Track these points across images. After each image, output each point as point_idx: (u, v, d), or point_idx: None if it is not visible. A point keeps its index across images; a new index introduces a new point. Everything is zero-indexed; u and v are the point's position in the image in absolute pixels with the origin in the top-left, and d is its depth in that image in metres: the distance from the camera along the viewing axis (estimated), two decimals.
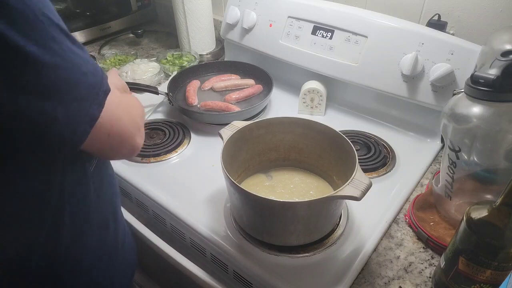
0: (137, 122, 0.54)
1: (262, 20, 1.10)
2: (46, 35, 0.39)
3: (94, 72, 0.45)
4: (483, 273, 0.53)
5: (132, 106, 0.56)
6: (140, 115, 0.57)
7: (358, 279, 0.64)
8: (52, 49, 0.40)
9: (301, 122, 0.75)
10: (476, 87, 0.58)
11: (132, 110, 0.55)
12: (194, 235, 0.75)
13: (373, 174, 0.83)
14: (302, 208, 0.60)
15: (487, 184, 0.66)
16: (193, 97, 1.05)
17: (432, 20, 0.93)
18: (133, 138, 0.52)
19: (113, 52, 1.35)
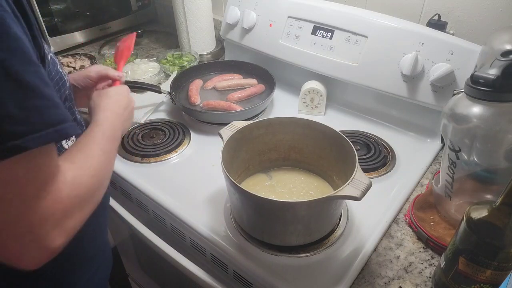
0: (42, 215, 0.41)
1: (262, 20, 1.10)
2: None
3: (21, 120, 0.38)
4: (483, 273, 0.53)
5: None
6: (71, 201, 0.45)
7: (358, 279, 0.64)
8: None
9: (301, 122, 0.75)
10: (476, 87, 0.58)
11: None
12: (194, 235, 0.75)
13: (373, 174, 0.83)
14: (302, 208, 0.60)
15: (487, 184, 0.66)
16: (195, 96, 1.06)
17: (432, 20, 0.93)
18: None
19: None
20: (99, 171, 0.51)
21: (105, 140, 0.57)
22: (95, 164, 0.51)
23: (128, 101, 0.71)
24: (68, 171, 0.45)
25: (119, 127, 0.65)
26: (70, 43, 1.41)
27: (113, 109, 0.66)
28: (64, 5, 1.37)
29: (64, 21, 1.37)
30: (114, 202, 0.89)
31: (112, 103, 0.67)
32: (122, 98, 0.70)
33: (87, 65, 1.22)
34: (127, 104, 0.71)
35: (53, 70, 0.55)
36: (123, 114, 0.68)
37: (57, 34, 1.35)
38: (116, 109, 0.66)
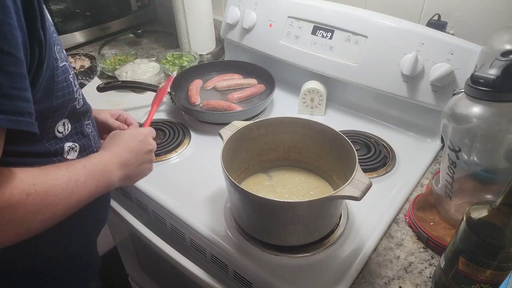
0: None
1: (262, 20, 1.10)
2: None
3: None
4: (483, 273, 0.53)
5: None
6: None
7: (358, 279, 0.64)
8: None
9: (301, 122, 0.75)
10: (476, 87, 0.58)
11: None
12: (194, 235, 0.75)
13: (373, 174, 0.83)
14: (302, 208, 0.60)
15: (487, 184, 0.66)
16: (195, 96, 1.06)
17: (432, 20, 0.93)
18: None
19: (113, 52, 1.35)
20: (44, 194, 0.47)
21: (83, 171, 0.54)
22: (45, 185, 0.48)
23: (140, 145, 0.67)
24: (5, 172, 0.44)
25: (116, 169, 0.61)
26: (70, 43, 1.41)
27: (116, 151, 0.63)
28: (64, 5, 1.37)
29: (64, 21, 1.37)
30: (114, 202, 0.89)
31: (119, 146, 0.64)
32: (135, 141, 0.66)
33: (87, 65, 1.22)
34: (139, 148, 0.66)
35: (63, 76, 0.54)
36: (129, 158, 0.64)
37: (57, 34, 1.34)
38: (120, 151, 0.63)
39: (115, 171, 0.61)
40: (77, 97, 0.59)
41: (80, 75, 1.18)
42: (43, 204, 0.47)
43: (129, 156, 0.64)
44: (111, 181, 0.60)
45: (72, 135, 0.60)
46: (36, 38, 0.46)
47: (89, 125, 0.65)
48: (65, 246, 0.67)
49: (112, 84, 1.07)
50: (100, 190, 0.57)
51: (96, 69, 1.24)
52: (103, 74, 1.27)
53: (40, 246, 0.61)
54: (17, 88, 0.43)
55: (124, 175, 0.63)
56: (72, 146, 0.60)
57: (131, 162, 0.64)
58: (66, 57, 0.57)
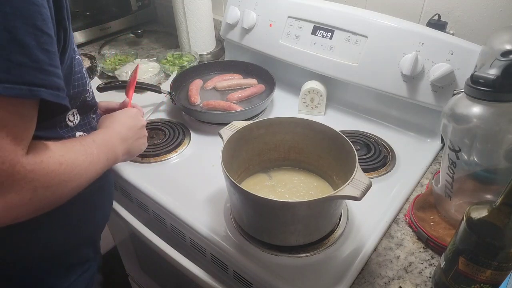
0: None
1: (262, 20, 1.10)
2: None
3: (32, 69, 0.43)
4: (483, 273, 0.53)
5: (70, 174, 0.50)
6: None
7: (358, 279, 0.64)
8: None
9: (301, 122, 0.75)
10: (476, 87, 0.58)
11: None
12: (194, 235, 0.75)
13: (373, 174, 0.83)
14: (302, 208, 0.60)
15: (487, 184, 0.66)
16: (195, 96, 1.06)
17: (432, 20, 0.93)
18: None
19: (113, 52, 1.35)
20: (72, 164, 0.51)
21: (93, 144, 0.58)
22: (70, 156, 0.51)
23: (134, 121, 0.72)
24: (40, 144, 0.48)
25: (118, 144, 0.65)
26: None
27: (114, 127, 0.67)
28: None
29: None
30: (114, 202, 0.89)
31: (115, 123, 0.69)
32: (127, 118, 0.72)
33: (87, 65, 1.22)
34: (133, 124, 0.72)
35: (78, 68, 0.58)
36: (127, 133, 0.69)
37: None
38: (118, 128, 0.68)
39: (117, 145, 0.65)
40: (89, 89, 0.63)
41: None
42: (72, 172, 0.51)
43: (126, 131, 0.69)
44: (117, 155, 0.64)
45: (82, 125, 0.63)
46: (62, 25, 0.50)
47: (95, 119, 0.69)
48: (72, 240, 0.67)
49: (112, 84, 1.07)
50: (109, 163, 0.61)
51: (96, 69, 1.24)
52: (103, 74, 1.27)
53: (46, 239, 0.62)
54: (53, 66, 0.46)
55: (125, 149, 0.68)
56: (81, 135, 0.63)
57: (129, 136, 0.69)
58: (79, 52, 0.61)
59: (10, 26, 0.41)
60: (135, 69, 0.93)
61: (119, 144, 0.66)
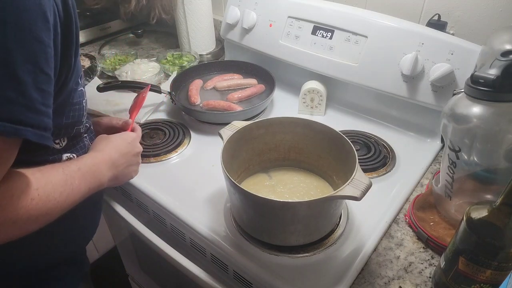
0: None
1: (262, 20, 1.10)
2: None
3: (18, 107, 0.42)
4: (483, 273, 0.53)
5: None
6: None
7: (358, 279, 0.64)
8: None
9: (301, 122, 0.75)
10: (476, 87, 0.58)
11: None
12: (194, 235, 0.75)
13: (373, 174, 0.83)
14: (302, 208, 0.60)
15: (487, 184, 0.66)
16: (195, 96, 1.06)
17: (432, 20, 0.93)
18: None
19: (113, 52, 1.35)
20: (45, 199, 0.49)
21: (77, 174, 0.55)
22: (46, 190, 0.49)
23: (129, 147, 0.70)
24: (16, 176, 0.46)
25: (106, 170, 0.63)
26: None
27: (107, 152, 0.65)
28: None
29: None
30: (114, 202, 0.89)
31: (109, 147, 0.66)
32: (123, 143, 0.69)
33: (87, 65, 1.22)
34: (128, 150, 0.70)
35: (78, 100, 0.58)
36: (118, 159, 0.66)
37: None
38: (110, 152, 0.65)
39: (105, 172, 0.63)
40: (84, 121, 0.62)
41: None
42: (44, 208, 0.49)
43: (119, 157, 0.66)
44: (101, 182, 0.62)
45: (70, 147, 0.62)
46: (67, 62, 0.50)
47: (86, 138, 0.68)
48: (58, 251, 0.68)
49: (112, 84, 1.07)
50: (91, 192, 0.59)
51: (96, 69, 1.24)
52: (103, 74, 1.27)
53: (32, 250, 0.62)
54: (45, 105, 0.46)
55: (113, 175, 0.65)
56: (70, 156, 0.62)
57: (120, 163, 0.67)
58: (83, 83, 0.61)
59: (9, 60, 0.41)
60: (145, 89, 0.91)
61: (107, 170, 0.63)
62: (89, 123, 0.68)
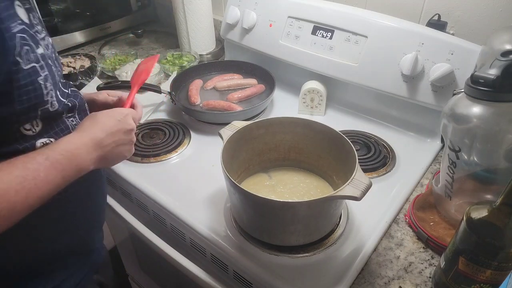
0: None
1: (262, 20, 1.10)
2: None
3: None
4: (483, 273, 0.53)
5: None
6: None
7: (358, 279, 0.64)
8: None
9: (301, 122, 0.75)
10: (476, 87, 0.58)
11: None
12: (194, 235, 0.75)
13: (373, 174, 0.83)
14: (302, 208, 0.60)
15: (487, 184, 0.66)
16: (195, 96, 1.06)
17: (432, 20, 0.93)
18: None
19: (113, 52, 1.35)
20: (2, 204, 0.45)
21: (43, 164, 0.50)
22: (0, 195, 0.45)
23: (118, 125, 0.63)
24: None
25: (88, 152, 0.57)
26: (70, 43, 1.41)
27: (91, 131, 0.59)
28: (64, 5, 1.37)
29: (64, 21, 1.37)
30: (114, 202, 0.89)
31: (94, 126, 0.60)
32: (111, 121, 0.62)
33: (87, 65, 1.22)
34: (117, 128, 0.63)
35: (27, 79, 0.51)
36: (105, 139, 0.60)
37: (57, 34, 1.35)
38: (95, 132, 0.59)
39: (85, 155, 0.57)
40: (49, 99, 0.55)
41: (80, 75, 1.18)
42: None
43: (105, 137, 0.60)
44: (82, 166, 0.57)
45: (46, 131, 0.57)
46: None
47: (74, 117, 0.62)
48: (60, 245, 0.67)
49: (112, 84, 1.07)
50: (68, 179, 0.54)
51: (96, 69, 1.24)
52: (103, 74, 1.27)
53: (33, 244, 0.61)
54: None
55: (98, 156, 0.59)
56: (46, 142, 0.57)
57: (106, 142, 0.60)
58: (43, 57, 0.54)
59: None
60: (153, 58, 0.82)
61: (88, 152, 0.57)
62: (76, 102, 0.62)
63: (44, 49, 0.55)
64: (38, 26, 0.56)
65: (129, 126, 0.65)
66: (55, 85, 0.56)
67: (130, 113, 0.68)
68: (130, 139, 0.67)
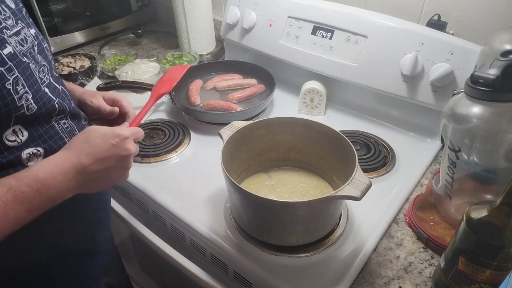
0: None
1: (262, 20, 1.10)
2: None
3: None
4: (483, 273, 0.53)
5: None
6: None
7: (358, 279, 0.64)
8: None
9: (301, 122, 0.75)
10: (476, 87, 0.58)
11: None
12: (194, 235, 0.75)
13: (373, 174, 0.83)
14: (302, 208, 0.60)
15: (487, 184, 0.66)
16: (195, 97, 1.06)
17: (432, 20, 0.93)
18: None
19: (113, 52, 1.35)
20: None
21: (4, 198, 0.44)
22: None
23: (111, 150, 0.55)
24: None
25: (66, 182, 0.50)
26: (70, 43, 1.41)
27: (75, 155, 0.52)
28: (64, 5, 1.36)
29: (64, 21, 1.37)
30: (114, 202, 0.89)
31: (80, 149, 0.53)
32: (103, 145, 0.54)
33: (87, 65, 1.22)
34: (109, 154, 0.54)
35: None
36: (90, 166, 0.52)
37: (57, 34, 1.35)
38: (79, 156, 0.52)
39: (63, 184, 0.50)
40: (23, 103, 0.50)
41: (80, 75, 1.18)
42: None
43: (90, 164, 0.52)
44: (56, 197, 0.50)
45: (34, 139, 0.52)
46: None
47: (66, 120, 0.57)
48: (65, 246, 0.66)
49: (112, 84, 1.07)
50: (36, 210, 0.48)
51: (96, 69, 1.24)
52: (103, 74, 1.27)
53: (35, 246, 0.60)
54: None
55: (79, 183, 0.52)
56: (33, 152, 0.52)
57: (91, 169, 0.53)
58: (12, 57, 0.49)
59: None
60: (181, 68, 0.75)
61: (69, 180, 0.51)
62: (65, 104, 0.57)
63: (15, 46, 0.49)
64: (7, 20, 0.50)
65: (124, 152, 0.57)
66: (33, 84, 0.51)
67: (132, 135, 0.59)
68: (124, 166, 0.58)
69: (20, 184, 0.46)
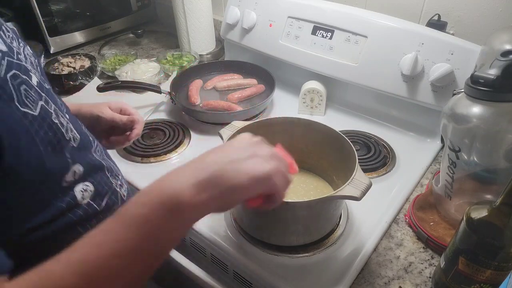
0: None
1: (262, 20, 1.10)
2: None
3: None
4: (483, 273, 0.53)
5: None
6: None
7: (358, 279, 0.64)
8: None
9: (301, 122, 0.75)
10: (476, 87, 0.58)
11: None
12: (194, 235, 0.75)
13: (373, 174, 0.83)
14: (302, 208, 0.60)
15: (487, 184, 0.66)
16: (195, 97, 1.06)
17: (432, 20, 0.93)
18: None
19: (113, 52, 1.35)
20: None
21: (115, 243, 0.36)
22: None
23: (247, 150, 0.44)
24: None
25: (169, 225, 0.39)
26: (70, 43, 1.41)
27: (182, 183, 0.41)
28: (64, 5, 1.36)
29: (64, 21, 1.37)
30: None
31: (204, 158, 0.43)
32: (238, 146, 0.45)
33: (87, 65, 1.22)
34: (237, 156, 0.44)
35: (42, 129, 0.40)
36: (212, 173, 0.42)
37: (57, 34, 1.34)
38: (189, 182, 0.41)
39: (162, 228, 0.39)
40: (70, 135, 0.45)
41: (80, 75, 1.18)
42: None
43: (218, 167, 0.44)
44: (157, 242, 0.39)
45: (85, 175, 0.48)
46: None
47: (97, 152, 0.52)
48: None
49: (112, 84, 1.07)
50: (154, 243, 0.39)
51: (96, 69, 1.24)
52: (103, 74, 1.27)
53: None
54: None
55: (207, 199, 0.41)
56: (84, 189, 0.46)
57: (218, 202, 0.42)
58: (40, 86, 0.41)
59: None
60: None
61: (189, 197, 0.40)
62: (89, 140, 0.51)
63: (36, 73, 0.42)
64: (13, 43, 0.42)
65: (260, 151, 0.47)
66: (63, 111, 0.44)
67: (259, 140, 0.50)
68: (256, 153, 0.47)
69: (127, 215, 0.40)
